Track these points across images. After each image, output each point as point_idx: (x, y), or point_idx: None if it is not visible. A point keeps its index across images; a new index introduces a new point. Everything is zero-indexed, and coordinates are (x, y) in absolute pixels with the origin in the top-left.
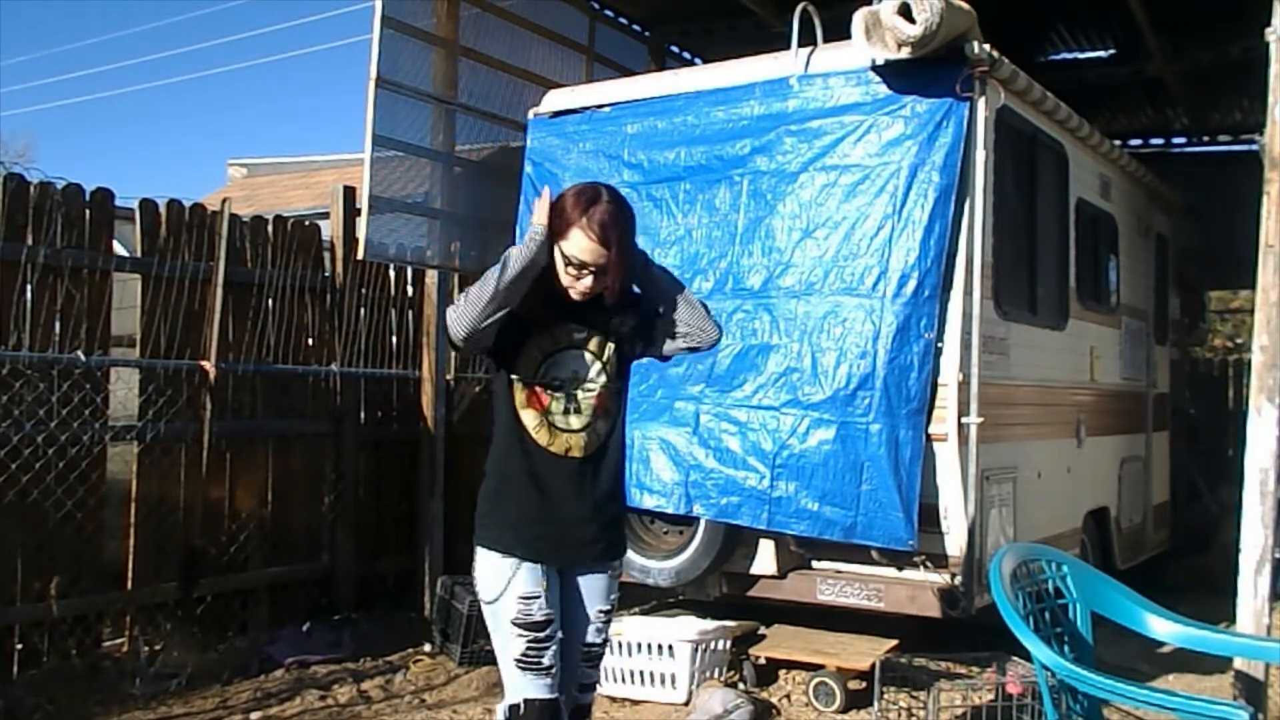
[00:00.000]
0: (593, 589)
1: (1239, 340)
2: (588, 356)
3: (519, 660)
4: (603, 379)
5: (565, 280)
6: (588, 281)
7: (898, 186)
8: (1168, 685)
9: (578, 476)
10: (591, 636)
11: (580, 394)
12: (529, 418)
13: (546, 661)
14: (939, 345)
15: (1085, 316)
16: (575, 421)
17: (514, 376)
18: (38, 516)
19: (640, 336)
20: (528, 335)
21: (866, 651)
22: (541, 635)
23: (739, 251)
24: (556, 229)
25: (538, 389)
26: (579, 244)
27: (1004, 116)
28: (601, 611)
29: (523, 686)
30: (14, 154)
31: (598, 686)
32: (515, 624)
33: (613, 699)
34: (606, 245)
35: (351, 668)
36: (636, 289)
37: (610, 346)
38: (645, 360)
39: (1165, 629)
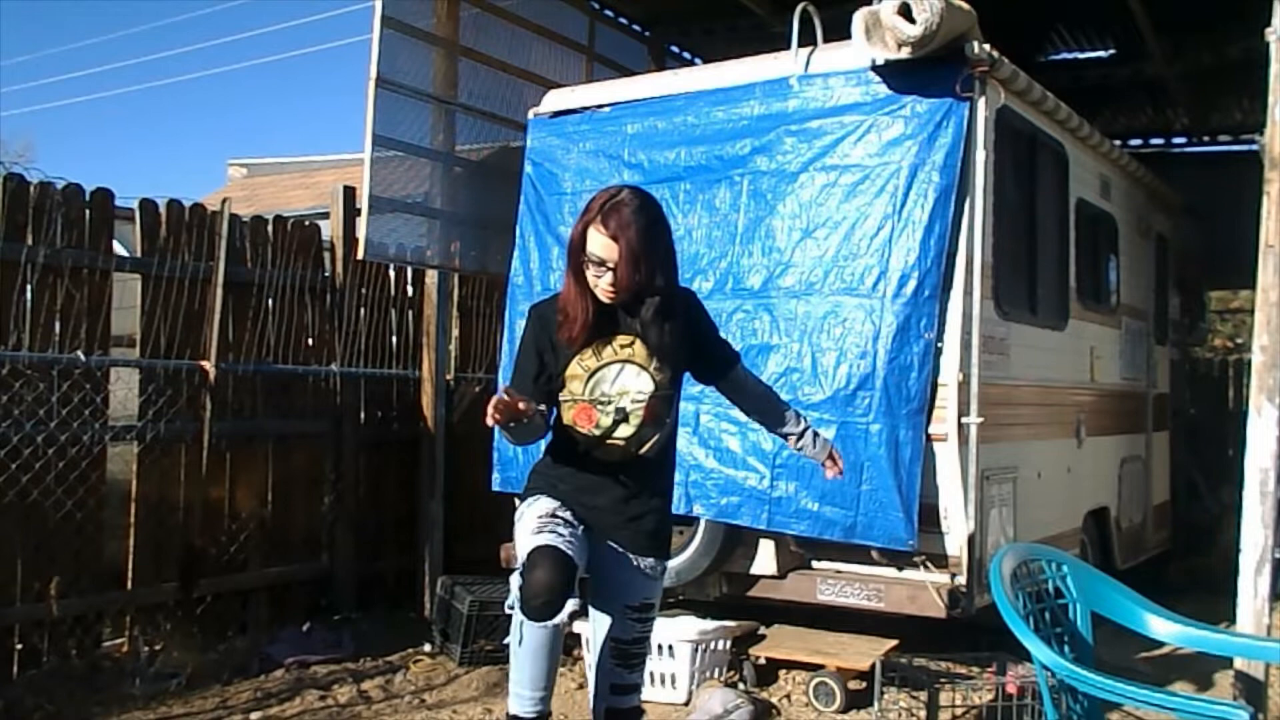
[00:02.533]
0: (620, 582)
1: (1239, 340)
2: (633, 368)
3: (534, 528)
4: (650, 387)
5: (590, 280)
6: (607, 279)
7: (898, 186)
8: (1168, 685)
9: (615, 477)
10: (615, 631)
11: (630, 406)
12: (579, 434)
13: (563, 531)
14: (939, 345)
15: (1085, 316)
16: (622, 431)
17: (563, 398)
18: (38, 516)
19: (683, 347)
20: (572, 356)
21: (866, 651)
22: (559, 520)
23: (739, 251)
24: (578, 233)
25: (586, 406)
26: (592, 240)
27: (1004, 116)
28: (629, 607)
29: (533, 542)
30: (14, 154)
31: (638, 692)
32: (540, 517)
33: None
34: (616, 240)
35: (351, 668)
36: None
37: (657, 357)
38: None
39: (1165, 629)
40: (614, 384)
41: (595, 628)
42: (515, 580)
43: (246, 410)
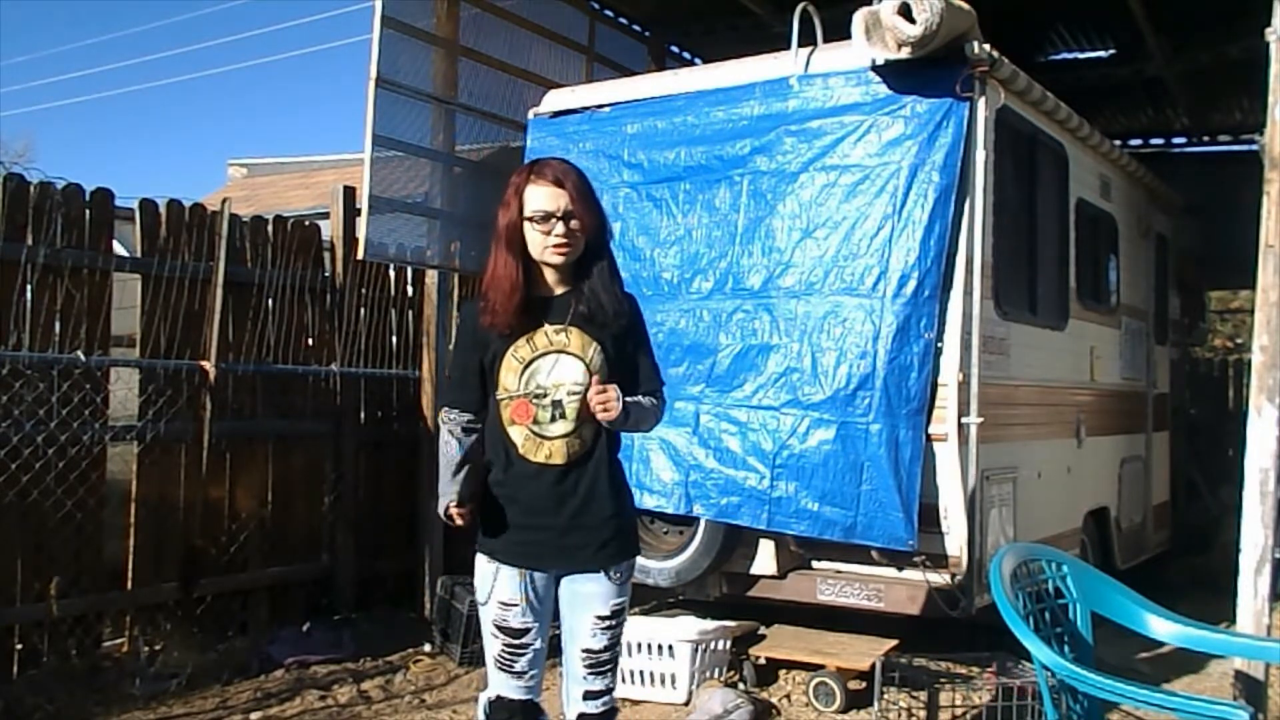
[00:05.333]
0: (587, 595)
1: (1239, 340)
2: (568, 359)
3: (496, 660)
4: (587, 379)
5: (538, 248)
6: (560, 229)
7: (898, 186)
8: (1168, 685)
9: (557, 484)
10: (588, 642)
11: (566, 399)
12: (517, 434)
13: (520, 666)
14: (939, 345)
15: (1085, 316)
16: (559, 428)
17: (498, 396)
18: (38, 516)
19: (620, 343)
20: (506, 348)
21: (866, 651)
22: (517, 642)
23: (739, 251)
24: (514, 206)
25: (523, 401)
26: (535, 195)
27: (1004, 116)
28: (598, 618)
29: (498, 684)
30: (14, 154)
31: (610, 696)
32: (495, 626)
33: None
34: (561, 185)
35: (351, 668)
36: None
37: (594, 346)
38: None
39: (1165, 629)
40: (550, 375)
41: (565, 638)
42: (483, 704)
43: (246, 410)
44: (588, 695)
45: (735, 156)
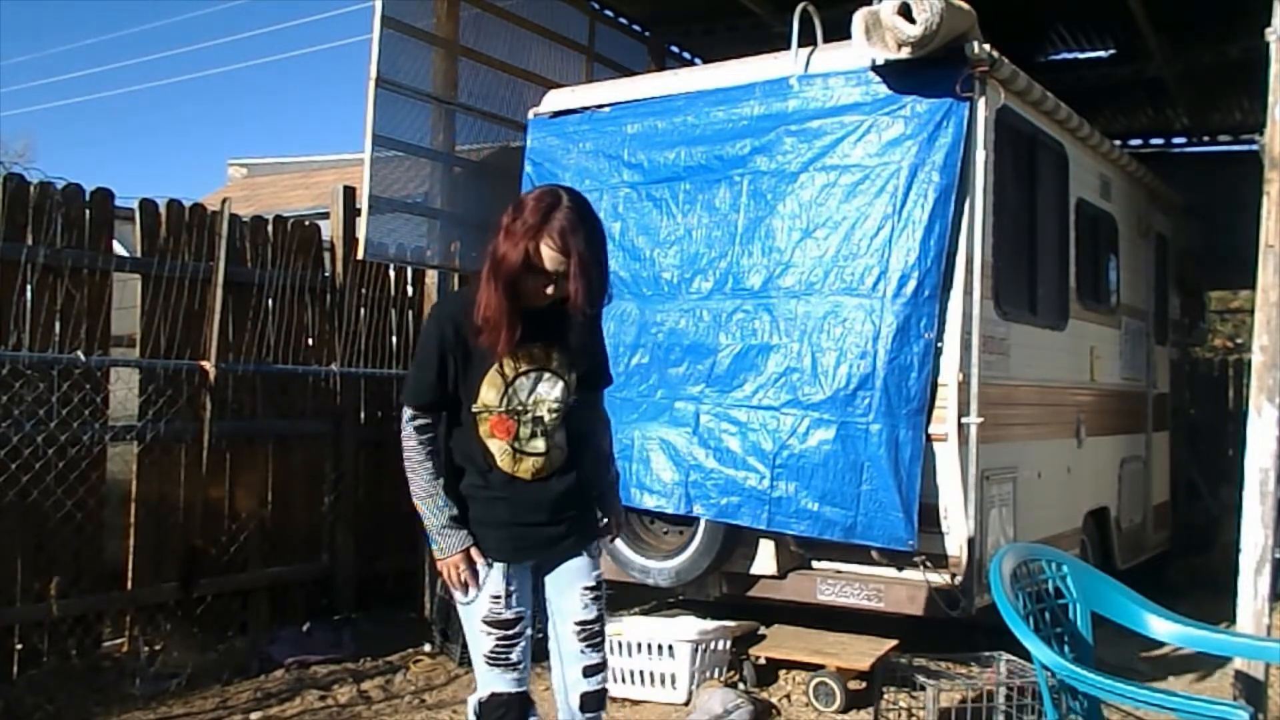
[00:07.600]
0: (573, 570)
1: (1239, 340)
2: (550, 377)
3: (488, 656)
4: (568, 396)
5: (529, 294)
6: (551, 288)
7: (898, 186)
8: (1168, 685)
9: (540, 491)
10: (580, 615)
11: (546, 415)
12: (495, 446)
13: (514, 657)
14: (939, 345)
15: (1085, 316)
16: (539, 444)
17: (476, 410)
18: (38, 516)
19: (592, 354)
20: (489, 363)
21: (866, 651)
22: (510, 633)
23: (739, 251)
24: (519, 235)
25: (503, 417)
26: (542, 255)
27: (1004, 116)
28: (586, 589)
29: (490, 681)
30: (14, 154)
31: (605, 671)
32: (486, 622)
33: (613, 699)
34: (567, 255)
35: (351, 668)
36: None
37: (574, 360)
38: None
39: (1165, 629)
40: (530, 394)
41: (557, 620)
42: (473, 705)
43: (246, 410)
44: (587, 671)
45: (735, 156)
